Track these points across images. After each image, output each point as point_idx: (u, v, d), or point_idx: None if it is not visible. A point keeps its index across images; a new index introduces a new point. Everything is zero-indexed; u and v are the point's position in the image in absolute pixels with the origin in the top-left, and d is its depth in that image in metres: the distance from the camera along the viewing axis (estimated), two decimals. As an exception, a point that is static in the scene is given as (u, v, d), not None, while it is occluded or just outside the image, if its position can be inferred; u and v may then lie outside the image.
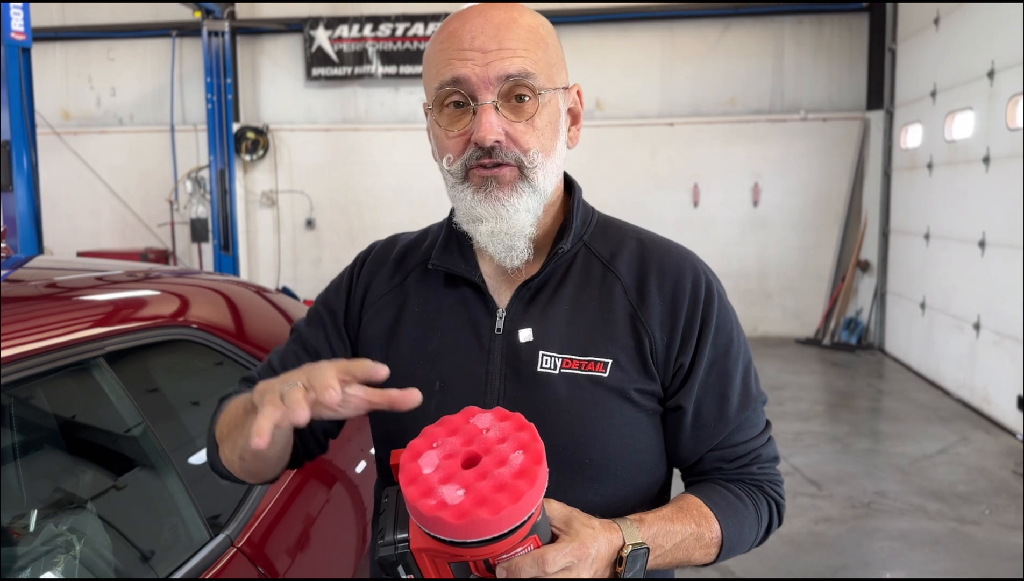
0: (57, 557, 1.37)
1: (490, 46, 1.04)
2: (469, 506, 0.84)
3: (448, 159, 1.08)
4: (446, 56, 1.06)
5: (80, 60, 10.23)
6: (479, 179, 1.07)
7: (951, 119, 7.21)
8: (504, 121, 1.04)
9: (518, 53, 1.04)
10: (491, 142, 1.03)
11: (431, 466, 0.89)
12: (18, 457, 1.45)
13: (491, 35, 1.04)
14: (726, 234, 9.43)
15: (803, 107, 9.27)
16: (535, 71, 1.05)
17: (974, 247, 6.55)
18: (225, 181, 9.32)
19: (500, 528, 0.85)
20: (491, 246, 1.09)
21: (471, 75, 1.03)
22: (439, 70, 1.06)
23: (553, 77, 1.09)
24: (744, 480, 1.16)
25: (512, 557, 0.89)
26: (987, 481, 4.86)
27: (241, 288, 2.30)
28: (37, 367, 1.39)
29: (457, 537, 0.85)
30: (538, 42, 1.07)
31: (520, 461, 0.88)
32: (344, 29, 9.66)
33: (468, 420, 0.94)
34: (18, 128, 5.48)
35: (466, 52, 1.04)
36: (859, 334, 9.05)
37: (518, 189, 1.07)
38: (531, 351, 1.10)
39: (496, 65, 1.03)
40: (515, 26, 1.06)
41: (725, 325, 1.15)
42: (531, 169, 1.06)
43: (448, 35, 1.07)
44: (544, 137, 1.07)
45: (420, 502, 0.85)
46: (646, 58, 9.49)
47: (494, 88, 1.04)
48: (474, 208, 1.08)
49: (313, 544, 1.84)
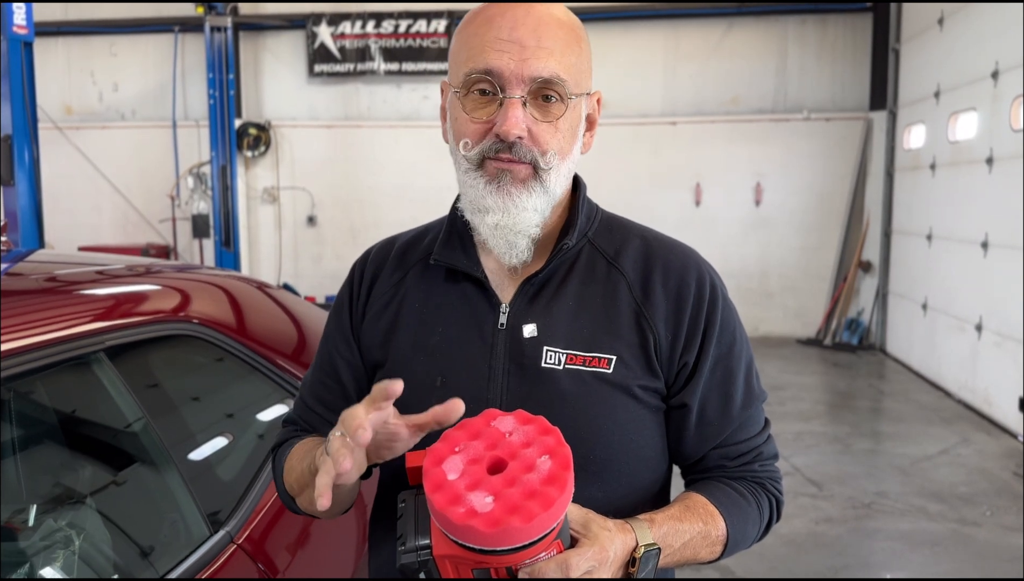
0: (56, 552, 1.37)
1: (528, 41, 1.02)
2: (501, 514, 0.83)
3: (465, 144, 1.07)
4: (482, 42, 1.04)
5: (83, 55, 10.22)
6: (494, 170, 1.06)
7: (954, 120, 7.19)
8: (529, 119, 1.04)
9: (554, 54, 1.03)
10: (514, 137, 1.03)
11: (456, 472, 0.87)
12: (17, 452, 1.44)
13: (531, 29, 1.03)
14: (728, 234, 9.42)
15: (806, 107, 9.26)
16: (567, 76, 1.04)
17: (976, 248, 6.54)
18: (227, 177, 9.32)
19: (531, 536, 0.84)
20: (492, 240, 1.09)
21: (505, 69, 1.02)
22: (472, 55, 1.05)
23: (581, 82, 1.08)
24: (746, 477, 1.17)
25: (536, 562, 0.88)
26: (988, 482, 4.85)
27: (242, 283, 2.29)
28: (38, 361, 1.38)
29: (487, 545, 0.83)
30: (574, 45, 1.06)
31: (548, 467, 0.87)
32: (347, 25, 9.65)
33: (489, 423, 0.92)
34: (20, 122, 5.48)
35: (504, 42, 1.02)
36: (860, 334, 9.04)
37: (529, 187, 1.06)
38: (535, 346, 1.09)
39: (532, 63, 1.02)
40: (556, 24, 1.05)
41: (729, 324, 1.15)
42: (546, 170, 1.06)
43: (486, 20, 1.05)
44: (564, 140, 1.07)
45: (449, 510, 0.83)
46: (649, 57, 9.48)
47: (525, 85, 1.03)
48: (484, 198, 1.07)
49: (313, 541, 1.83)
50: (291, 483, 1.16)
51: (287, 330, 2.24)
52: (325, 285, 9.86)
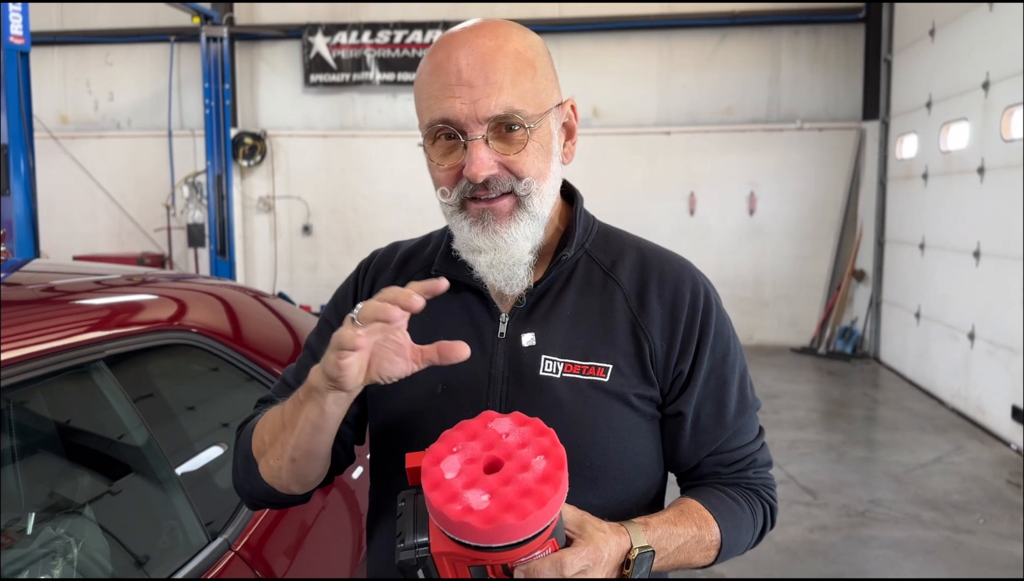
0: (54, 561, 1.37)
1: (476, 81, 1.03)
2: (496, 511, 0.85)
3: (443, 192, 1.09)
4: (434, 91, 1.05)
5: (78, 64, 10.24)
6: (477, 211, 1.08)
7: (946, 130, 7.24)
8: (495, 154, 1.05)
9: (504, 88, 1.03)
10: (482, 178, 1.04)
11: (453, 471, 0.90)
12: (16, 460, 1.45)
13: (478, 69, 1.03)
14: (722, 242, 9.46)
15: (799, 117, 9.31)
16: (522, 105, 1.04)
17: (969, 257, 6.58)
18: (222, 186, 9.33)
19: (525, 533, 0.86)
20: (491, 276, 1.10)
21: (459, 114, 1.03)
22: (428, 105, 1.06)
23: (543, 102, 1.08)
24: (740, 484, 1.19)
25: (531, 560, 0.90)
26: (981, 490, 4.87)
27: (238, 293, 2.30)
28: (38, 370, 1.39)
29: (483, 542, 0.86)
30: (526, 69, 1.06)
31: (543, 466, 0.89)
32: (343, 36, 9.68)
33: (487, 424, 0.95)
34: (16, 132, 5.49)
35: (453, 88, 1.03)
36: (854, 343, 9.07)
37: (516, 218, 1.08)
38: (533, 355, 1.11)
39: (483, 103, 1.02)
40: (501, 56, 1.04)
41: (723, 333, 1.17)
42: (526, 197, 1.07)
43: (435, 67, 1.06)
44: (538, 162, 1.08)
45: (446, 507, 0.86)
46: (643, 67, 9.53)
47: (483, 124, 1.03)
48: (472, 240, 1.09)
49: (310, 548, 1.84)
50: (262, 436, 1.13)
51: (283, 339, 2.25)
52: (320, 294, 9.87)
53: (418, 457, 0.95)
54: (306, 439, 1.05)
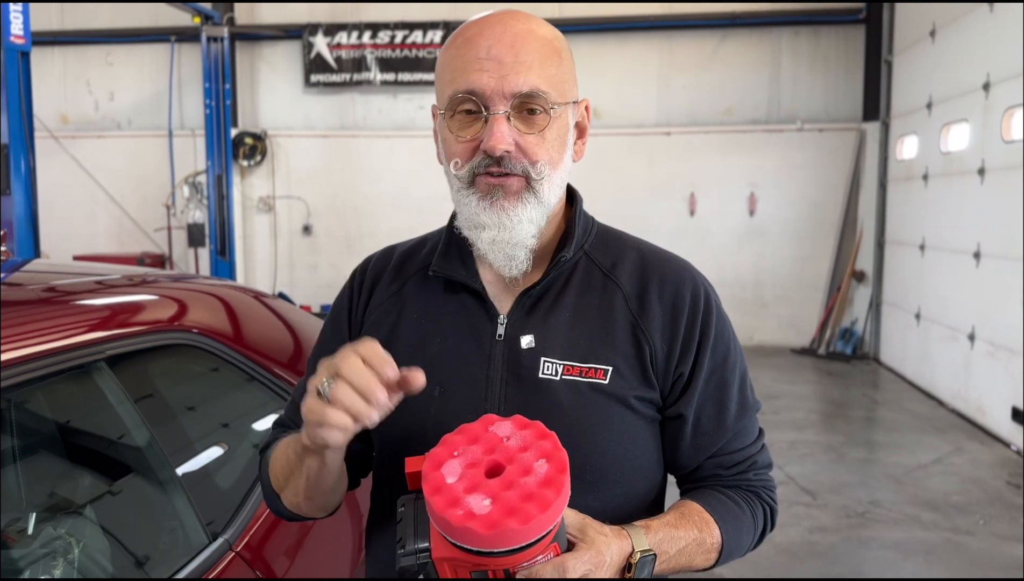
0: (55, 561, 1.37)
1: (506, 57, 1.04)
2: (498, 516, 0.84)
3: (456, 164, 1.09)
4: (462, 63, 1.06)
5: (79, 64, 10.24)
6: (486, 186, 1.08)
7: (946, 131, 7.25)
8: (515, 132, 1.05)
9: (533, 68, 1.05)
10: (501, 152, 1.04)
11: (454, 475, 0.89)
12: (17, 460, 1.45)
13: (508, 46, 1.05)
14: (722, 243, 9.46)
15: (799, 117, 9.32)
16: (548, 88, 1.06)
17: (969, 258, 6.58)
18: (222, 186, 9.33)
19: (528, 537, 0.85)
20: (491, 254, 1.10)
21: (486, 86, 1.04)
22: (454, 77, 1.07)
23: (565, 92, 1.10)
24: (741, 486, 1.19)
25: (533, 564, 0.90)
26: (981, 491, 4.87)
27: (239, 293, 2.30)
28: (39, 370, 1.39)
29: (485, 547, 0.85)
30: (553, 56, 1.08)
31: (545, 470, 0.89)
32: (343, 36, 9.68)
33: (487, 428, 0.94)
34: (16, 132, 5.49)
35: (483, 61, 1.05)
36: (854, 344, 9.07)
37: (523, 200, 1.08)
38: (533, 357, 1.11)
39: (511, 79, 1.04)
40: (532, 38, 1.07)
41: (723, 335, 1.17)
42: (538, 181, 1.08)
43: (465, 41, 1.07)
44: (553, 150, 1.08)
45: (448, 512, 0.85)
46: (643, 67, 9.53)
47: (508, 100, 1.04)
48: (478, 215, 1.09)
49: (310, 549, 1.84)
50: (276, 475, 1.17)
51: (283, 339, 2.25)
52: (321, 294, 9.87)
53: (418, 461, 0.94)
54: (314, 482, 1.09)
